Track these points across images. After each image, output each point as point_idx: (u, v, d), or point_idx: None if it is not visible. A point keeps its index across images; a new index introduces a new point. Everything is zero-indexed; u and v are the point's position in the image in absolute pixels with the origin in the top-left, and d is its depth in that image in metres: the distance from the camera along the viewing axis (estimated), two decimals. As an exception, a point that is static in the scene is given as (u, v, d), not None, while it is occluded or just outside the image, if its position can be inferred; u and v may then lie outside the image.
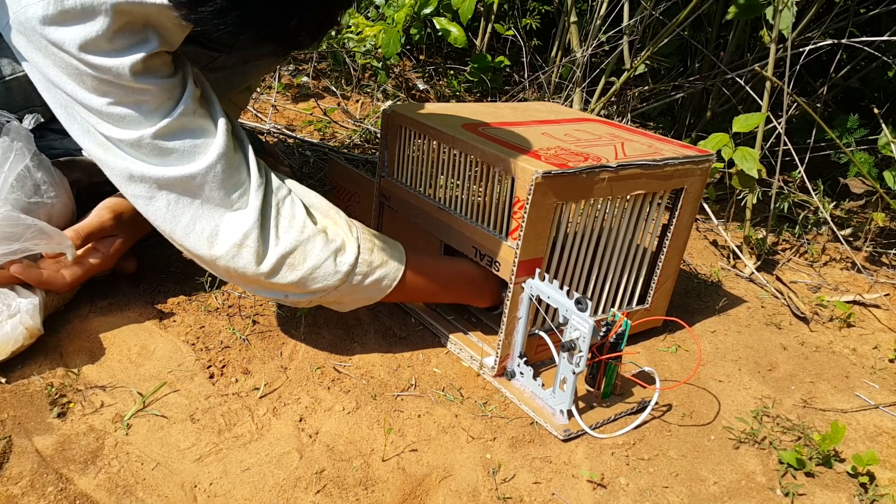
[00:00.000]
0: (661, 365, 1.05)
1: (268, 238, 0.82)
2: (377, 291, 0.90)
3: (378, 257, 0.89)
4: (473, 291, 1.00)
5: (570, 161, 0.88)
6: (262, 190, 0.82)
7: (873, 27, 2.05)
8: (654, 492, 0.81)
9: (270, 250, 0.82)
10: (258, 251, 0.81)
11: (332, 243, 0.85)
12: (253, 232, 0.80)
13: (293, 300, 0.88)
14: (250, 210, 0.80)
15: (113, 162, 0.78)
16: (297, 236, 0.83)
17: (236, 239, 0.80)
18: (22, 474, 0.70)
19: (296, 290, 0.85)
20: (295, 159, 1.61)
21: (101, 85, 0.73)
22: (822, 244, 1.60)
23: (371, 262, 0.88)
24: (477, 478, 0.79)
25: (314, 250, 0.84)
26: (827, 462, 0.89)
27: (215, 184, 0.79)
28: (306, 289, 0.85)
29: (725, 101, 1.97)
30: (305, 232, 0.83)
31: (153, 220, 0.82)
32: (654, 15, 1.85)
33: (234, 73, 1.06)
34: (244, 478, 0.74)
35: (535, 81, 2.23)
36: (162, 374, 0.87)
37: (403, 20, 1.98)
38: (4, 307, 0.83)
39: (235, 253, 0.81)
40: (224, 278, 0.86)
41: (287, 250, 0.82)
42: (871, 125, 1.86)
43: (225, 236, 0.80)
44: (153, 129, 0.76)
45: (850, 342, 1.21)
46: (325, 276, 0.85)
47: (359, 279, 0.87)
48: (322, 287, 0.85)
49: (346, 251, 0.86)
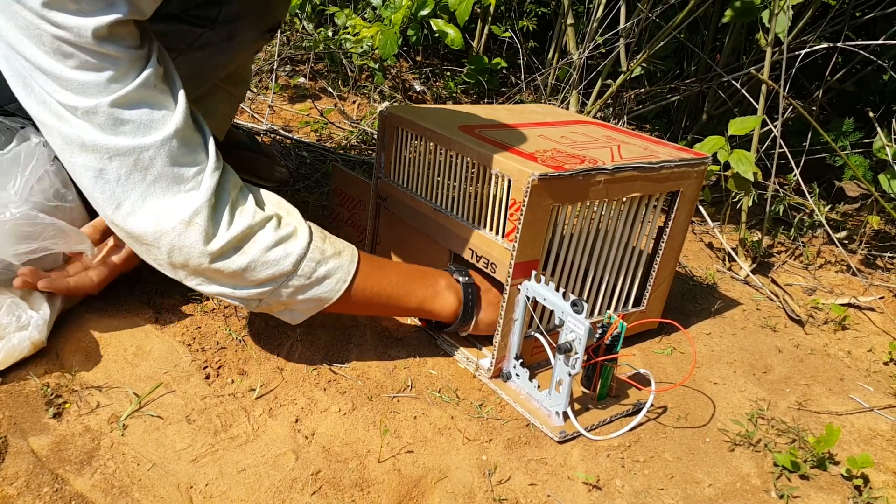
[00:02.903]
0: (656, 367, 1.06)
1: (219, 220, 0.79)
2: (330, 287, 0.86)
3: (331, 247, 0.86)
4: (434, 299, 0.94)
5: (567, 163, 0.88)
6: (217, 173, 0.79)
7: (869, 31, 2.05)
8: (649, 494, 0.81)
9: (221, 232, 0.79)
10: (207, 231, 0.78)
11: (284, 229, 0.82)
12: (203, 211, 0.77)
13: (241, 295, 0.83)
14: (203, 190, 0.78)
15: (66, 130, 0.74)
16: (250, 221, 0.80)
17: (185, 216, 0.77)
18: (17, 475, 0.70)
19: (243, 281, 0.81)
20: (291, 160, 1.61)
21: (62, 46, 0.70)
22: (817, 247, 1.60)
23: (324, 251, 0.85)
24: (473, 479, 0.79)
25: (265, 235, 0.81)
26: (821, 464, 0.89)
27: (169, 159, 0.76)
28: (255, 276, 0.81)
29: (721, 103, 1.98)
30: (257, 217, 0.81)
31: (98, 197, 0.77)
32: (651, 18, 1.85)
33: (219, 51, 1.04)
34: (240, 479, 0.74)
35: (532, 83, 2.23)
36: (158, 374, 0.87)
37: (400, 21, 1.98)
38: (14, 318, 0.83)
39: (183, 230, 0.77)
40: (164, 266, 0.81)
41: (238, 234, 0.79)
42: (866, 128, 1.87)
43: (174, 213, 0.77)
44: (111, 97, 0.73)
45: (844, 345, 1.21)
46: (275, 261, 0.81)
47: (310, 267, 0.83)
48: (272, 275, 0.81)
49: (298, 237, 0.83)
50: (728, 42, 1.93)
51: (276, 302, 0.85)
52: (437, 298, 0.94)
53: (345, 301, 0.88)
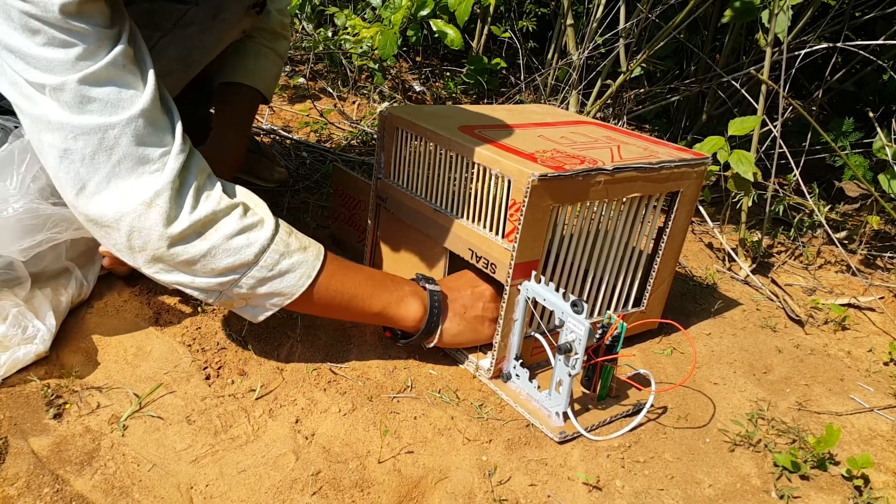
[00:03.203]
0: (656, 367, 1.06)
1: (182, 203, 0.77)
2: (293, 282, 0.83)
3: (296, 242, 0.85)
4: (399, 304, 0.91)
5: (567, 164, 0.88)
6: (182, 156, 0.78)
7: (868, 31, 2.06)
8: (649, 494, 0.81)
9: (183, 215, 0.77)
10: (168, 213, 0.76)
11: (250, 218, 0.81)
12: (166, 192, 0.76)
13: (200, 285, 0.81)
14: (167, 172, 0.76)
15: (33, 110, 0.74)
16: (214, 206, 0.79)
17: (146, 197, 0.75)
18: (18, 475, 0.70)
19: (203, 269, 0.79)
20: (291, 160, 1.61)
21: (29, 22, 0.70)
22: (816, 247, 1.60)
23: (289, 244, 0.83)
24: (473, 480, 0.79)
25: (230, 222, 0.80)
26: (822, 465, 0.89)
27: (134, 139, 0.75)
28: (215, 264, 0.79)
29: (721, 104, 1.98)
30: (223, 203, 0.80)
31: (63, 178, 0.76)
32: (651, 18, 1.85)
33: (205, 29, 1.02)
34: (240, 479, 0.74)
35: (532, 83, 2.24)
36: (158, 375, 0.87)
37: (400, 22, 1.98)
38: (20, 330, 0.84)
39: (143, 211, 0.75)
40: (123, 251, 0.79)
41: (200, 218, 0.78)
42: (865, 128, 1.87)
43: (136, 194, 0.75)
44: (79, 74, 0.72)
45: (844, 345, 1.21)
46: (237, 250, 0.79)
47: (273, 259, 0.82)
48: (232, 264, 0.80)
49: (264, 228, 0.82)
50: (728, 42, 1.93)
51: (237, 295, 0.83)
52: (402, 303, 0.91)
53: (307, 298, 0.85)
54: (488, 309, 0.95)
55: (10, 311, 0.84)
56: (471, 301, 0.95)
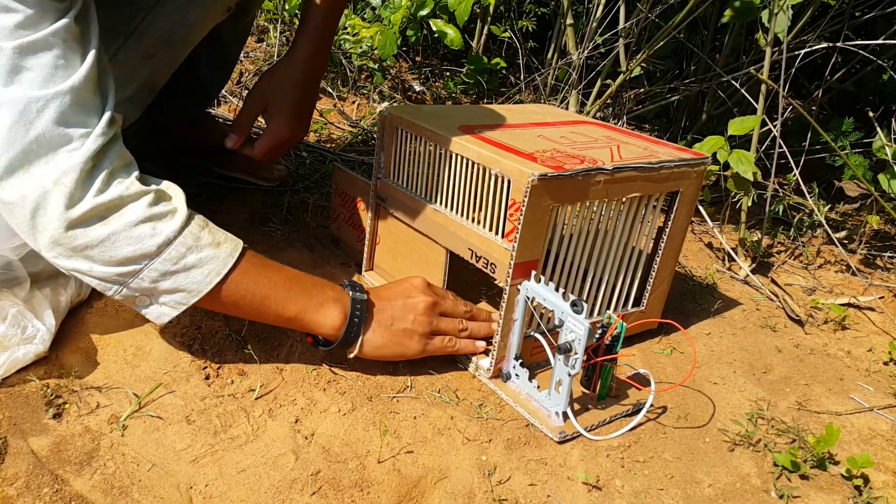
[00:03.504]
0: (656, 367, 1.06)
1: (90, 186, 0.74)
2: (200, 278, 0.80)
3: (209, 237, 0.81)
4: (317, 309, 0.88)
5: (566, 163, 0.88)
6: (102, 139, 0.75)
7: (868, 31, 2.06)
8: (649, 494, 0.81)
9: (87, 198, 0.74)
10: (72, 194, 0.73)
11: (159, 207, 0.78)
12: (73, 173, 0.73)
13: (99, 274, 0.78)
14: (81, 152, 0.74)
15: None
16: (122, 191, 0.76)
17: (55, 175, 0.73)
18: (17, 475, 0.70)
19: (101, 257, 0.76)
20: (291, 160, 1.61)
21: None
22: (816, 247, 1.60)
23: (199, 238, 0.80)
24: (472, 480, 0.79)
25: (136, 209, 0.76)
26: (821, 464, 0.89)
27: (57, 115, 0.73)
28: (114, 253, 0.76)
29: (721, 103, 1.98)
30: (132, 189, 0.77)
31: None
32: (651, 17, 1.85)
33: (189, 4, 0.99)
34: (240, 479, 0.74)
35: (532, 83, 2.23)
36: (158, 375, 0.87)
37: (400, 21, 1.98)
38: (19, 330, 0.83)
39: (49, 189, 0.73)
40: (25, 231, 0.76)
41: (104, 202, 0.75)
42: (865, 128, 1.87)
43: (45, 172, 0.73)
44: (15, 42, 0.71)
45: (844, 345, 1.21)
46: (139, 238, 0.76)
47: (179, 252, 0.78)
48: (132, 253, 0.76)
49: (173, 219, 0.78)
50: (727, 42, 1.93)
51: (140, 289, 0.79)
52: (319, 309, 0.87)
53: (215, 297, 0.82)
54: (419, 322, 0.92)
55: (9, 310, 0.84)
56: (401, 313, 0.92)
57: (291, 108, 1.08)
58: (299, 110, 1.10)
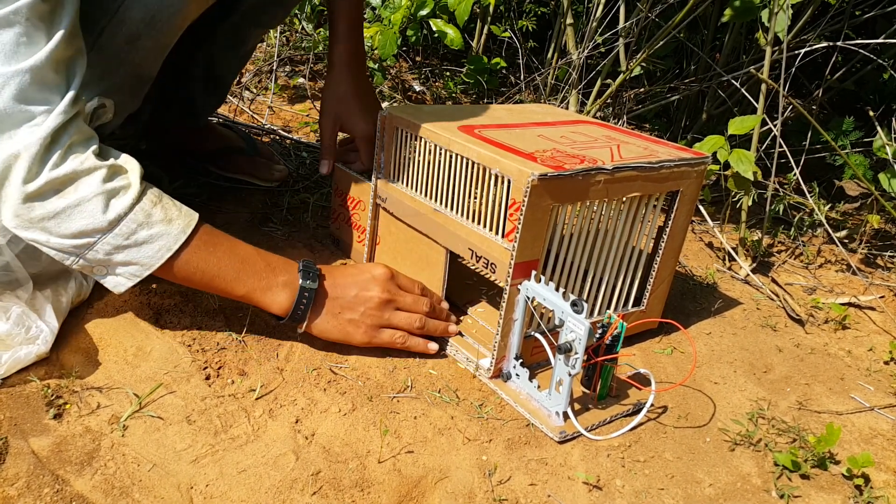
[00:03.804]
0: (656, 367, 1.06)
1: (48, 161, 0.77)
2: (151, 254, 0.83)
3: (160, 213, 0.83)
4: (265, 292, 0.91)
5: (566, 163, 0.88)
6: (63, 117, 0.78)
7: (868, 30, 2.05)
8: (649, 493, 0.81)
9: (44, 172, 0.77)
10: (31, 168, 0.76)
11: (114, 183, 0.81)
12: (33, 148, 0.76)
13: (56, 245, 0.81)
14: (42, 128, 0.76)
15: None
16: (76, 166, 0.79)
17: (15, 149, 0.76)
18: (18, 475, 0.70)
19: (57, 229, 0.79)
20: (291, 161, 1.61)
21: None
22: (817, 246, 1.60)
23: (150, 214, 0.83)
24: (473, 480, 0.79)
25: (90, 183, 0.79)
26: (822, 464, 0.89)
27: (17, 94, 0.75)
28: (67, 226, 0.79)
29: (721, 103, 1.98)
30: (87, 164, 0.79)
31: None
32: (651, 17, 1.85)
33: None
34: (240, 479, 0.74)
35: (532, 83, 2.23)
36: (158, 375, 0.87)
37: (400, 22, 1.98)
38: (22, 330, 0.84)
39: (11, 163, 0.76)
40: None
41: (59, 176, 0.78)
42: (866, 127, 1.87)
43: (6, 146, 0.76)
44: None
45: (845, 344, 1.21)
46: (91, 213, 0.79)
47: (130, 228, 0.81)
48: (84, 227, 0.79)
49: (126, 195, 0.81)
50: (728, 41, 1.93)
51: (96, 261, 0.83)
52: (268, 293, 0.91)
53: (167, 271, 0.85)
54: (368, 315, 0.95)
55: (13, 310, 0.84)
56: (351, 303, 0.95)
57: (362, 109, 1.16)
58: (368, 105, 1.17)
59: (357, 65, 1.18)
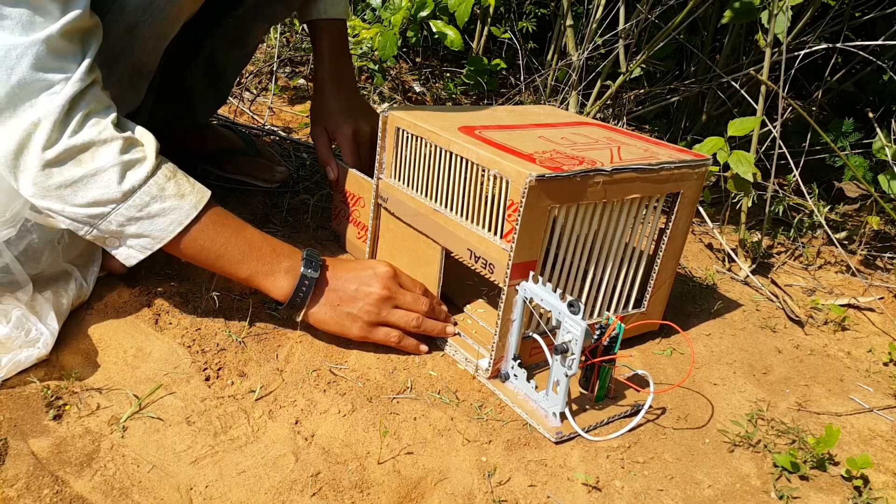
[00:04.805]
0: (655, 368, 1.06)
1: (66, 128, 0.79)
2: (163, 227, 0.85)
3: (174, 188, 0.86)
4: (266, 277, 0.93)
5: (565, 164, 0.88)
6: (81, 84, 0.80)
7: (868, 31, 2.06)
8: (648, 495, 0.81)
9: (63, 139, 0.79)
10: (50, 135, 0.78)
11: (130, 154, 0.83)
12: (53, 115, 0.78)
13: (70, 214, 0.83)
14: (61, 96, 0.78)
15: None
16: (94, 135, 0.81)
17: (35, 117, 0.78)
18: (18, 476, 0.70)
19: (72, 198, 0.81)
20: (291, 161, 1.62)
21: None
22: (816, 247, 1.60)
23: (164, 188, 0.85)
24: (472, 481, 0.79)
25: (107, 153, 0.81)
26: (821, 465, 0.89)
27: (34, 63, 0.76)
28: (83, 195, 0.81)
29: (721, 104, 1.98)
30: (105, 134, 0.81)
31: None
32: (650, 19, 1.85)
33: None
34: (240, 480, 0.74)
35: (531, 84, 2.24)
36: (158, 376, 0.88)
37: (400, 23, 1.98)
38: (22, 332, 0.84)
39: (31, 131, 0.78)
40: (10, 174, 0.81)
41: (78, 144, 0.80)
42: (865, 129, 1.87)
43: (27, 114, 0.78)
44: None
45: (844, 345, 1.21)
46: (107, 183, 0.81)
47: (143, 201, 0.83)
48: (101, 197, 0.81)
49: (142, 167, 0.84)
50: (727, 43, 1.93)
51: (109, 232, 0.85)
52: (270, 277, 0.92)
53: (176, 246, 0.87)
54: (366, 311, 0.95)
55: (13, 313, 0.84)
56: (350, 297, 0.96)
57: (347, 117, 1.22)
58: (354, 112, 1.24)
59: (341, 80, 1.25)
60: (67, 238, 0.94)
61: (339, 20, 1.24)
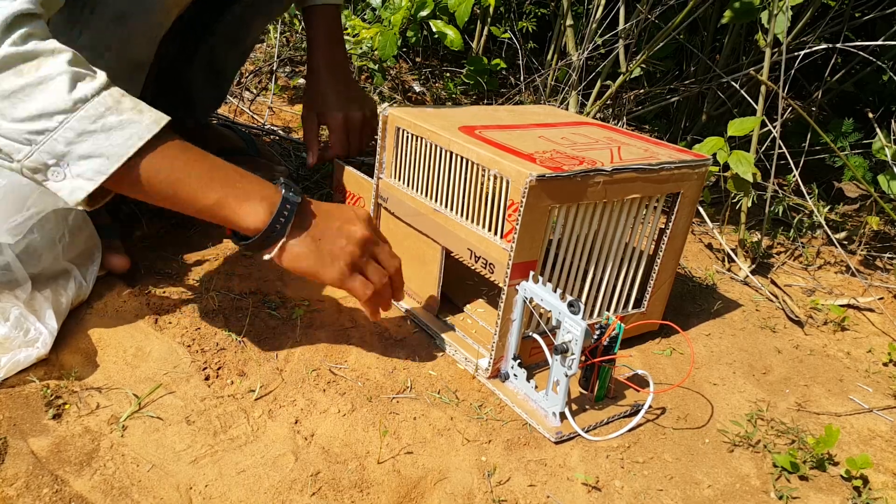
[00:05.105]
0: (655, 368, 1.06)
1: (10, 35, 0.70)
2: (120, 142, 0.74)
3: (131, 103, 0.76)
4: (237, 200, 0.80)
5: (566, 164, 0.88)
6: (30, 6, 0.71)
7: (868, 31, 2.06)
8: (648, 494, 0.81)
9: (4, 46, 0.69)
10: None
11: (81, 68, 0.73)
12: None
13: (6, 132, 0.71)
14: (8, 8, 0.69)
15: None
16: (42, 47, 0.71)
17: None
18: (17, 475, 0.70)
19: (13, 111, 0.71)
20: (291, 161, 1.62)
21: None
22: (816, 248, 1.60)
23: (120, 101, 0.75)
24: (472, 480, 0.79)
25: (53, 63, 0.71)
26: (821, 465, 0.89)
27: None
28: (28, 106, 0.71)
29: (721, 104, 1.98)
30: (52, 45, 0.72)
31: None
32: (650, 18, 1.85)
33: None
34: (239, 480, 0.74)
35: (531, 84, 2.23)
36: (157, 375, 0.88)
37: (400, 22, 1.98)
38: (21, 332, 0.83)
39: None
40: None
41: (19, 52, 0.70)
42: (865, 129, 1.87)
43: None
44: None
45: (844, 346, 1.21)
46: (55, 90, 0.71)
47: (97, 111, 0.73)
48: (46, 108, 0.71)
49: (93, 81, 0.74)
50: (727, 43, 1.93)
51: (54, 153, 0.73)
52: (244, 203, 0.80)
53: (132, 169, 0.75)
54: (348, 252, 0.85)
55: (11, 312, 0.84)
56: (334, 234, 0.85)
57: (338, 102, 1.23)
58: (347, 98, 1.24)
59: (334, 66, 1.25)
60: (68, 237, 0.94)
61: (333, 5, 1.24)
